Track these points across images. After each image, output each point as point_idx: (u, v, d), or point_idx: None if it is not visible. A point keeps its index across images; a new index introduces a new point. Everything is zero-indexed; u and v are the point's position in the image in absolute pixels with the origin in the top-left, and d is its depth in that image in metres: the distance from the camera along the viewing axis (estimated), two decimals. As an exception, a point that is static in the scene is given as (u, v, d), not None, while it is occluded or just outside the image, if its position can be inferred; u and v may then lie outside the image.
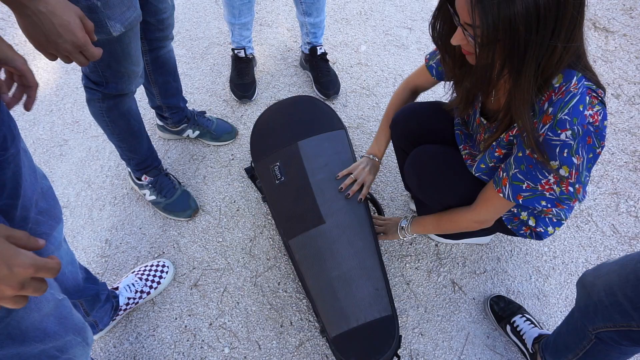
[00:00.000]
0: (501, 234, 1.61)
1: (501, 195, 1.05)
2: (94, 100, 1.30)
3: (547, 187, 0.98)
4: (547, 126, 0.89)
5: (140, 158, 1.54)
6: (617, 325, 0.96)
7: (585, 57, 0.90)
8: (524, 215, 1.13)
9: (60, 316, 0.89)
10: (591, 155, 0.93)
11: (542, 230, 1.15)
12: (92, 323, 1.31)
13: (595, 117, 0.89)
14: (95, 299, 1.25)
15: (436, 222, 1.30)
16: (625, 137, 1.89)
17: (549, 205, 1.05)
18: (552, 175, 0.95)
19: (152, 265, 1.51)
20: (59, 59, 0.87)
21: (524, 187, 1.00)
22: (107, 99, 1.30)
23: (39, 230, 0.89)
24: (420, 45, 2.22)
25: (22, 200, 0.81)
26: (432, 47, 2.21)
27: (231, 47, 1.98)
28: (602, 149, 0.94)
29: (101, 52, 0.89)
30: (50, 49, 0.83)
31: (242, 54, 1.96)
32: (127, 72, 1.22)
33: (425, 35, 2.26)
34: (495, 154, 1.09)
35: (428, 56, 1.33)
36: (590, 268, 1.07)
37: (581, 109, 0.87)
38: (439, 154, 1.29)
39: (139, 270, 1.49)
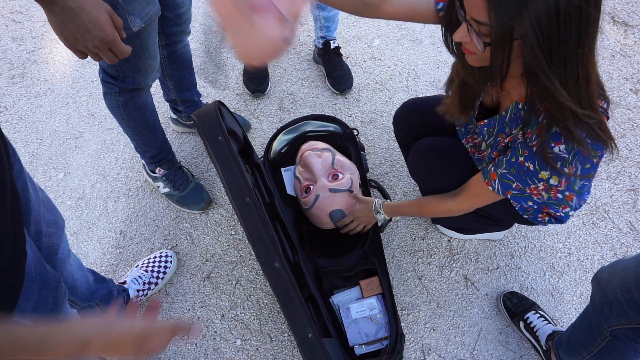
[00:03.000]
0: (516, 228, 1.59)
1: (490, 188, 1.04)
2: (111, 94, 1.31)
3: (535, 192, 0.98)
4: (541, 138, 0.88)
5: (154, 151, 1.56)
6: (633, 322, 0.95)
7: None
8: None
9: None
10: (588, 165, 0.91)
11: (563, 215, 1.14)
12: None
13: None
14: (109, 296, 1.27)
15: (416, 209, 1.30)
16: (643, 133, 1.85)
17: (535, 207, 1.04)
18: (541, 183, 0.94)
19: (155, 257, 1.52)
20: (88, 57, 0.87)
21: (513, 186, 1.00)
22: (123, 92, 1.31)
23: (52, 242, 0.91)
24: (434, 40, 2.20)
25: (33, 214, 0.82)
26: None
27: None
28: (600, 158, 0.92)
29: (130, 50, 0.89)
30: (80, 46, 0.83)
31: None
32: (145, 66, 1.23)
33: (439, 29, 2.23)
34: (492, 155, 1.08)
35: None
36: (605, 265, 1.05)
37: None
38: (440, 145, 1.29)
39: (143, 264, 1.51)
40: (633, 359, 1.06)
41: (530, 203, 1.03)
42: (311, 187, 1.48)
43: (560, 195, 0.96)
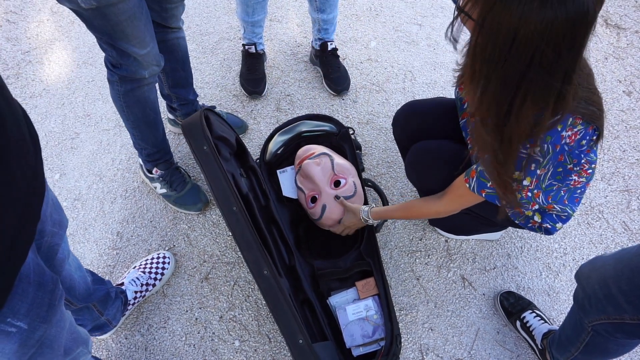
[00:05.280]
0: (512, 229, 1.61)
1: (467, 185, 1.05)
2: (113, 81, 1.34)
3: None
4: None
5: (151, 149, 1.55)
6: (611, 317, 0.97)
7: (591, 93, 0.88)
8: (529, 212, 1.13)
9: (72, 332, 0.92)
10: (560, 169, 0.93)
11: (550, 227, 1.15)
12: (106, 322, 1.32)
13: (572, 138, 0.88)
14: (107, 297, 1.27)
15: (402, 212, 1.30)
16: (637, 135, 1.88)
17: (508, 206, 1.05)
18: (515, 184, 0.95)
19: (152, 259, 1.52)
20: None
21: (488, 185, 1.01)
22: (124, 82, 1.32)
23: (53, 242, 0.90)
24: (430, 42, 2.21)
25: None
26: (442, 43, 2.21)
27: (242, 43, 1.98)
28: (574, 166, 0.93)
29: None
30: None
31: (252, 50, 1.96)
32: (132, 54, 1.23)
33: (435, 31, 2.25)
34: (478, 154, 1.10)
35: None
36: (587, 260, 1.07)
37: (559, 129, 0.86)
38: (438, 148, 1.30)
39: (140, 265, 1.51)
40: (618, 353, 1.08)
41: (504, 202, 1.04)
42: (317, 197, 1.49)
43: (529, 194, 0.99)
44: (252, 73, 1.98)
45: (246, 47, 1.96)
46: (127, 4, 1.12)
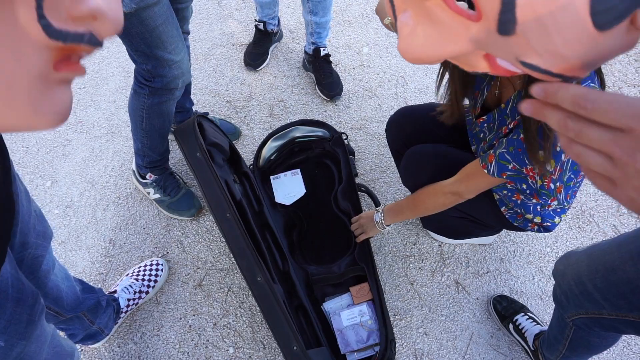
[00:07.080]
0: (505, 233, 1.62)
1: (485, 171, 1.04)
2: (141, 94, 1.32)
3: (531, 173, 0.98)
4: None
5: (156, 157, 1.55)
6: (589, 312, 0.98)
7: None
8: (529, 216, 1.14)
9: (54, 346, 0.90)
10: None
11: (550, 224, 1.17)
12: (98, 330, 1.30)
13: None
14: (97, 306, 1.25)
15: (411, 202, 1.29)
16: (625, 139, 1.90)
17: (528, 191, 1.04)
18: (537, 167, 0.94)
19: (146, 266, 1.51)
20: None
21: (509, 167, 0.99)
22: (154, 95, 1.32)
23: (37, 254, 0.89)
24: (422, 48, 2.23)
25: (21, 226, 0.80)
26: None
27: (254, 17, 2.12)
28: None
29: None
30: None
31: (261, 27, 2.08)
32: (168, 61, 1.22)
33: (426, 37, 2.27)
34: (493, 142, 1.10)
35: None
36: (561, 256, 1.08)
37: None
38: (433, 152, 1.31)
39: (133, 272, 1.50)
40: (602, 346, 1.09)
41: (524, 186, 1.03)
42: None
43: (552, 185, 0.97)
44: (256, 47, 2.12)
45: (255, 22, 2.08)
46: (161, 7, 1.13)
